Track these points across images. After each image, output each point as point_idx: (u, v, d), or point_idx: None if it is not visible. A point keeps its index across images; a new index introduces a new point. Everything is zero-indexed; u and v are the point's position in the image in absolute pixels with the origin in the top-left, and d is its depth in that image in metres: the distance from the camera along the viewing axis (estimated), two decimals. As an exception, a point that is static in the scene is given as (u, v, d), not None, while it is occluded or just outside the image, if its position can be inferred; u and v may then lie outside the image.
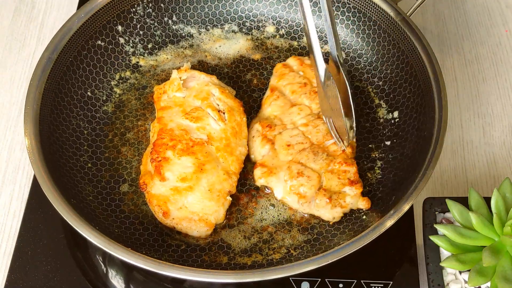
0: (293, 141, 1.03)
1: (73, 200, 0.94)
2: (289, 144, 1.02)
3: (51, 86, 1.03)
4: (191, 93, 1.07)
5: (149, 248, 0.96)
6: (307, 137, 1.03)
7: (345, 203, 0.98)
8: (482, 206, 0.91)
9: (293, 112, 1.06)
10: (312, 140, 1.03)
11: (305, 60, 1.12)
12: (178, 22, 1.21)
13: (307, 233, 0.99)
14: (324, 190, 0.98)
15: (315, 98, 1.07)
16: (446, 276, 0.91)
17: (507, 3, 1.36)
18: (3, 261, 1.03)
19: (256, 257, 0.96)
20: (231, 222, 1.00)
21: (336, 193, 0.99)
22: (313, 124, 1.04)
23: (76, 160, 1.03)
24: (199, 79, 1.09)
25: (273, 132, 1.04)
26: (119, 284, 0.99)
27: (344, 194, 0.98)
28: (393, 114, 1.10)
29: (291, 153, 1.02)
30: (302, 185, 0.98)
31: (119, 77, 1.15)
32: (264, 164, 1.02)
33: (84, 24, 1.09)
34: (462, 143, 1.16)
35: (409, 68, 1.08)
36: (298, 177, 0.99)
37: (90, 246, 1.01)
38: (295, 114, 1.06)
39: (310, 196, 0.98)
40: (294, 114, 1.06)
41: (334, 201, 0.98)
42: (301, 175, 0.99)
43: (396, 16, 1.10)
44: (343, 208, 0.98)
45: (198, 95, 1.06)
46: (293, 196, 0.99)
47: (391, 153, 1.06)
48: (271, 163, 1.02)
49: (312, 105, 1.07)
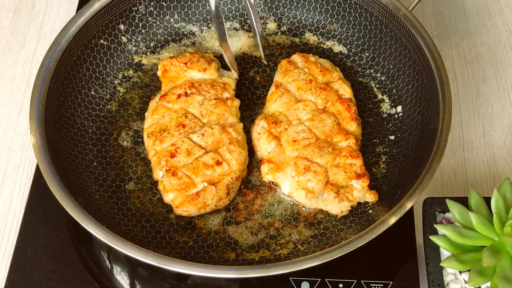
0: (298, 136, 1.03)
1: (80, 198, 0.94)
2: (295, 140, 1.03)
3: (55, 86, 1.03)
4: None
5: (157, 245, 0.96)
6: (312, 132, 1.04)
7: (353, 196, 0.98)
8: (482, 206, 0.91)
9: (299, 108, 1.07)
10: (317, 135, 1.04)
11: (309, 57, 1.13)
12: (180, 21, 1.21)
13: (313, 228, 0.99)
14: (331, 185, 0.99)
15: (320, 94, 1.07)
16: (446, 276, 0.91)
17: (507, 3, 1.37)
18: (3, 261, 1.03)
19: (263, 253, 0.96)
20: (238, 219, 1.00)
21: (344, 187, 0.99)
22: (319, 119, 1.05)
23: (81, 159, 1.03)
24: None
25: (278, 128, 1.05)
26: (123, 280, 0.99)
27: (352, 188, 0.99)
28: (396, 109, 1.10)
29: (297, 148, 1.02)
30: (309, 180, 0.99)
31: (122, 76, 1.15)
32: (270, 160, 1.02)
33: (87, 23, 1.10)
34: (462, 143, 1.17)
35: (411, 63, 1.09)
36: (305, 172, 0.99)
37: (95, 243, 1.01)
38: (300, 110, 1.07)
39: (318, 191, 0.99)
40: (299, 110, 1.07)
41: (342, 195, 0.98)
42: (308, 170, 0.99)
43: (397, 11, 1.10)
44: (350, 201, 0.98)
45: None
46: (301, 191, 0.99)
47: (395, 147, 1.06)
48: (278, 159, 1.02)
49: (318, 100, 1.07)
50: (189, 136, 1.03)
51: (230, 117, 1.06)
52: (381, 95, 1.13)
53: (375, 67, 1.16)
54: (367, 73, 1.16)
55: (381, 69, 1.15)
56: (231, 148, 1.02)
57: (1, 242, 1.05)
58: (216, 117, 1.05)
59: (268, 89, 1.14)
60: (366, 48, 1.17)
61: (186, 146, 1.02)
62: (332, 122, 1.04)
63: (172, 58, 1.11)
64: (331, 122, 1.04)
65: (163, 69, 1.11)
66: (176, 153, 1.01)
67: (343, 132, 1.04)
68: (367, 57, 1.17)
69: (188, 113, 1.05)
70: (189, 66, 1.10)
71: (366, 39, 1.17)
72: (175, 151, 1.01)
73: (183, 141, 1.02)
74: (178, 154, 1.01)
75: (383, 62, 1.15)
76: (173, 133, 1.03)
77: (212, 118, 1.05)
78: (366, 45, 1.17)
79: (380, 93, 1.13)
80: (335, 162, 1.01)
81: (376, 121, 1.10)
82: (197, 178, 0.99)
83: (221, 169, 1.00)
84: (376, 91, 1.14)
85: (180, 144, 1.02)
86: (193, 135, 1.03)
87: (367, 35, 1.17)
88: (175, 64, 1.11)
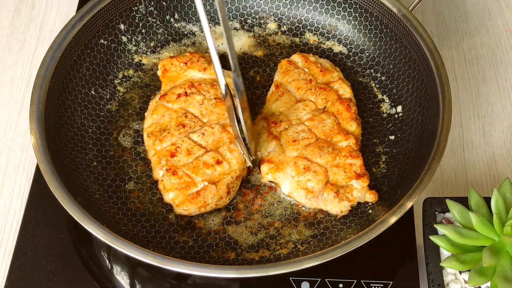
0: (298, 136, 1.03)
1: (80, 198, 0.94)
2: (294, 140, 1.03)
3: (55, 85, 1.03)
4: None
5: (157, 245, 0.96)
6: (312, 132, 1.04)
7: (352, 196, 0.98)
8: (482, 206, 0.91)
9: (299, 108, 1.07)
10: (317, 135, 1.04)
11: (309, 57, 1.13)
12: (180, 20, 1.21)
13: (313, 227, 0.99)
14: (331, 185, 0.99)
15: (320, 93, 1.07)
16: (446, 276, 0.91)
17: (507, 3, 1.37)
18: (3, 261, 1.03)
19: (263, 253, 0.96)
20: (238, 219, 1.00)
21: (343, 187, 0.99)
22: (319, 119, 1.05)
23: (81, 159, 1.03)
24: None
25: (278, 128, 1.05)
26: (123, 280, 0.99)
27: (351, 188, 0.99)
28: (396, 109, 1.10)
29: (297, 148, 1.02)
30: (309, 180, 0.99)
31: (122, 76, 1.15)
32: (270, 160, 1.02)
33: (87, 23, 1.09)
34: (462, 143, 1.17)
35: (411, 63, 1.09)
36: (305, 172, 0.99)
37: (95, 243, 1.01)
38: (300, 110, 1.07)
39: (318, 191, 0.99)
40: (299, 110, 1.07)
41: (341, 195, 0.98)
42: (308, 170, 0.99)
43: (398, 11, 1.10)
44: (350, 201, 0.98)
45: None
46: (301, 191, 0.99)
47: (395, 147, 1.06)
48: (278, 159, 1.02)
49: (318, 100, 1.07)
50: (189, 135, 1.03)
51: None
52: (381, 95, 1.13)
53: (375, 67, 1.16)
54: (367, 73, 1.16)
55: (381, 69, 1.15)
56: (232, 147, 1.02)
57: (1, 242, 1.05)
58: (216, 117, 1.05)
59: (268, 89, 1.14)
60: (366, 48, 1.17)
61: (186, 146, 1.02)
62: (332, 122, 1.04)
63: (172, 57, 1.11)
64: (331, 122, 1.04)
65: (163, 68, 1.11)
66: (176, 153, 1.01)
67: (343, 132, 1.04)
68: (367, 57, 1.17)
69: (188, 113, 1.05)
70: (189, 66, 1.11)
71: (366, 39, 1.17)
72: (175, 151, 1.01)
73: (183, 140, 1.02)
74: (178, 154, 1.01)
75: (383, 62, 1.15)
76: (173, 132, 1.03)
77: (212, 117, 1.05)
78: (366, 45, 1.17)
79: (380, 93, 1.13)
80: (335, 162, 1.01)
81: (376, 121, 1.10)
82: (197, 177, 0.99)
83: (222, 168, 1.00)
84: (376, 91, 1.14)
85: (180, 144, 1.02)
86: (193, 135, 1.03)
87: (367, 35, 1.17)
88: (175, 64, 1.11)
